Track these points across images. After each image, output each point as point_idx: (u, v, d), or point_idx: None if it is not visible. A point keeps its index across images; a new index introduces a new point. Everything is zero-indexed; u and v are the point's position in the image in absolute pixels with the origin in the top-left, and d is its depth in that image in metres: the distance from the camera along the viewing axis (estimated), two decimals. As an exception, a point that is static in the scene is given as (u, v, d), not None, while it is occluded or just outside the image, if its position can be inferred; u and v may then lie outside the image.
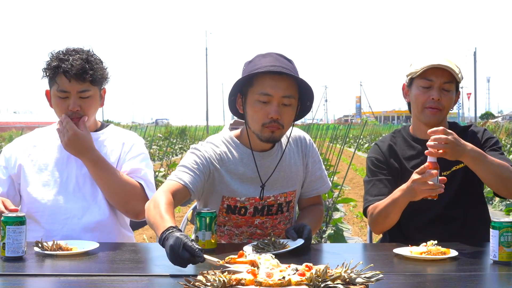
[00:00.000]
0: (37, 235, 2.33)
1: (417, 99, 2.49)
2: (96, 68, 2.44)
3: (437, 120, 2.47)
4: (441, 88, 2.44)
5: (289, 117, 2.22)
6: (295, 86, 2.22)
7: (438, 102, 2.44)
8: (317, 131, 16.65)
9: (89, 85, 2.42)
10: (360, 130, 18.39)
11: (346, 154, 18.28)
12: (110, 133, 2.58)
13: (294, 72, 2.22)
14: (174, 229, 1.81)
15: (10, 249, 1.97)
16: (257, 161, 2.31)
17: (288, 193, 2.40)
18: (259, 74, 2.18)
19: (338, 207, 6.35)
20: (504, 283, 1.82)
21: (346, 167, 10.68)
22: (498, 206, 8.40)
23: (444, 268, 1.92)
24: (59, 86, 2.41)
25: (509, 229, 1.92)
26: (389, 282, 1.68)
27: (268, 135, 2.21)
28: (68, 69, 2.37)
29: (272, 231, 2.37)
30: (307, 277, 1.53)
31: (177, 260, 1.73)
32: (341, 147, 7.79)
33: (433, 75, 2.44)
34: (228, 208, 2.33)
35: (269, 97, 2.18)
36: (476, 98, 67.34)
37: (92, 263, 1.97)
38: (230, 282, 1.52)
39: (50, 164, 2.47)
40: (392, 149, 2.56)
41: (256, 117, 2.21)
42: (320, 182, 2.48)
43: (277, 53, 2.25)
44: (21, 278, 1.78)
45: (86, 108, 2.44)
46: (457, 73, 2.44)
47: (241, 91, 2.26)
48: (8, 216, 2.00)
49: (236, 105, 2.30)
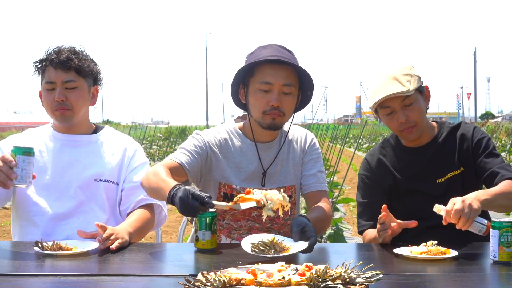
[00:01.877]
0: (36, 238, 2.32)
1: (389, 126, 2.47)
2: (83, 59, 2.44)
3: (416, 136, 2.44)
4: (403, 107, 2.38)
5: (289, 105, 2.30)
6: (295, 75, 2.29)
7: (408, 122, 2.39)
8: (317, 131, 16.65)
9: (75, 75, 2.41)
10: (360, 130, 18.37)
11: (346, 154, 18.28)
12: (108, 136, 2.57)
13: (294, 62, 2.28)
14: (180, 185, 1.92)
15: (19, 177, 2.04)
16: (258, 152, 2.38)
17: (287, 187, 2.42)
18: (260, 64, 2.26)
19: (338, 207, 6.34)
20: (504, 283, 1.82)
21: (346, 167, 10.68)
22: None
23: (444, 268, 1.92)
24: (46, 78, 2.42)
25: (509, 229, 1.92)
26: (389, 282, 1.68)
27: (270, 121, 2.28)
28: (54, 58, 2.40)
29: (270, 225, 2.38)
30: (307, 277, 1.53)
31: (187, 210, 1.85)
32: (341, 147, 7.79)
33: (388, 101, 2.38)
34: (225, 196, 2.35)
35: (269, 85, 2.25)
36: (476, 98, 67.40)
37: (92, 263, 1.97)
38: (230, 282, 1.52)
39: (49, 168, 2.45)
40: (382, 163, 2.53)
41: (257, 105, 2.28)
42: (313, 179, 2.45)
43: (277, 44, 2.32)
44: (21, 278, 1.77)
45: (73, 100, 2.41)
46: (408, 89, 2.33)
47: (243, 82, 2.34)
48: (18, 147, 2.08)
49: (239, 96, 2.37)
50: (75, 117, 2.45)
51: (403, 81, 2.35)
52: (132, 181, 2.48)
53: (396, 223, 2.20)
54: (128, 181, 2.49)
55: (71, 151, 2.47)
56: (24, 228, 2.43)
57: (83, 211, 2.41)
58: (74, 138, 2.49)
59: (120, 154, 2.51)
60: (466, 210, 2.03)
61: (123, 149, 2.53)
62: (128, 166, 2.51)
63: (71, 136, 2.49)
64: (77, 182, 2.43)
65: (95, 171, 2.45)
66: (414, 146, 2.51)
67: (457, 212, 2.02)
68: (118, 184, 2.49)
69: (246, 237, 2.05)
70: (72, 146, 2.48)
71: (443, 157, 2.46)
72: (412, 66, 2.43)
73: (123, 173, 2.50)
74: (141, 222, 2.38)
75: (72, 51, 2.43)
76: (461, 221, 2.03)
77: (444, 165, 2.44)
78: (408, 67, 2.41)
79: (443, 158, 2.45)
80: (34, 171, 2.42)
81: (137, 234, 2.35)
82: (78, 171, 2.44)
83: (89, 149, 2.49)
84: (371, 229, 2.44)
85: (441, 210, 2.09)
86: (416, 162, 2.48)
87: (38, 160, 2.45)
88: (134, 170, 2.51)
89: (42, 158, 2.46)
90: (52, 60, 2.41)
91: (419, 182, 2.46)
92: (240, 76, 2.32)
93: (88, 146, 2.50)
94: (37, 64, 2.45)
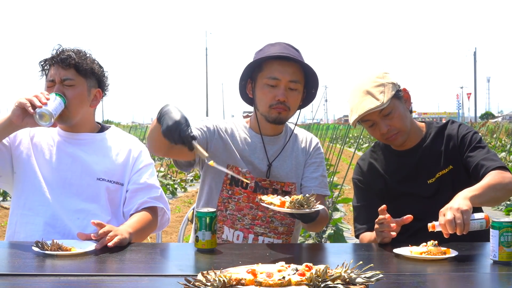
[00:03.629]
0: (40, 227, 2.33)
1: (374, 136, 2.48)
2: (84, 57, 2.44)
3: (403, 141, 2.44)
4: (382, 117, 2.38)
5: (295, 101, 2.40)
6: (301, 72, 2.39)
7: (390, 130, 2.39)
8: (317, 131, 16.66)
9: (74, 73, 2.40)
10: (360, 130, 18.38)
11: (346, 154, 18.28)
12: (114, 135, 2.56)
13: (301, 60, 2.38)
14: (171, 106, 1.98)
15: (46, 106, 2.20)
16: (264, 144, 2.46)
17: (287, 184, 2.46)
18: (268, 60, 2.36)
19: (338, 207, 6.35)
20: (504, 283, 1.82)
21: (346, 167, 10.69)
22: (498, 206, 8.40)
23: (444, 268, 1.92)
24: (47, 77, 2.43)
25: (509, 229, 1.92)
26: (389, 282, 1.68)
27: (275, 115, 2.38)
28: (56, 56, 2.41)
29: (273, 214, 2.42)
30: (307, 277, 1.53)
31: (169, 139, 1.92)
32: (341, 147, 7.80)
33: (367, 116, 2.38)
34: (232, 179, 2.42)
35: (277, 81, 2.35)
36: (476, 98, 67.41)
37: (92, 263, 1.97)
38: (230, 282, 1.52)
39: (55, 162, 2.43)
40: (373, 167, 2.54)
41: (264, 99, 2.37)
42: (315, 182, 2.48)
43: (285, 43, 2.44)
44: (21, 278, 1.77)
45: (70, 96, 2.38)
46: (382, 102, 2.32)
47: (251, 77, 2.44)
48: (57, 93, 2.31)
49: (246, 91, 2.47)
50: (71, 117, 2.41)
51: (376, 95, 2.35)
52: (137, 183, 2.48)
53: (395, 223, 2.20)
54: (132, 182, 2.48)
55: (74, 149, 2.46)
56: (26, 217, 2.38)
57: (84, 210, 2.39)
58: (78, 136, 2.48)
59: (125, 154, 2.50)
60: (457, 216, 2.02)
61: (128, 149, 2.52)
62: (133, 167, 2.50)
63: (75, 134, 2.48)
64: (80, 179, 2.42)
65: (98, 170, 2.44)
66: (403, 149, 2.51)
67: (450, 222, 2.01)
68: (122, 184, 2.47)
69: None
70: (76, 144, 2.47)
71: (431, 157, 2.46)
72: (385, 73, 2.42)
73: (127, 174, 2.48)
74: (142, 224, 2.37)
75: (74, 51, 2.44)
76: (458, 229, 2.02)
77: (433, 166, 2.45)
78: (380, 75, 2.40)
79: (431, 158, 2.46)
80: (40, 163, 2.42)
81: (138, 235, 2.35)
82: (82, 169, 2.43)
83: (93, 147, 2.48)
84: (367, 232, 2.44)
85: (436, 227, 2.09)
86: (406, 165, 2.49)
87: (44, 151, 2.44)
88: (139, 172, 2.50)
89: (48, 150, 2.44)
90: (53, 57, 2.42)
91: (410, 184, 2.47)
92: (248, 71, 2.42)
93: (92, 144, 2.48)
94: (41, 63, 2.45)
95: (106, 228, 2.15)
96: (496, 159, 2.34)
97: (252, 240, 2.42)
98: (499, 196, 2.28)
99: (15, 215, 2.44)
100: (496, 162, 2.32)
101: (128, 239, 2.20)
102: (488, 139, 19.59)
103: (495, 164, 2.30)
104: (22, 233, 2.36)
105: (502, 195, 2.28)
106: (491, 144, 16.14)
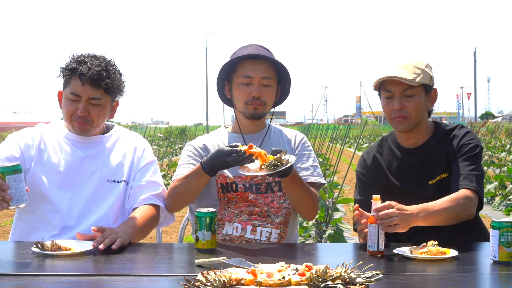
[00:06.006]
0: (50, 234, 2.33)
1: (384, 110, 2.50)
2: (113, 77, 2.41)
3: (406, 128, 2.44)
4: (403, 95, 2.40)
5: (270, 96, 2.54)
6: (273, 69, 2.55)
7: (402, 111, 2.41)
8: (317, 131, 16.65)
9: (102, 93, 2.38)
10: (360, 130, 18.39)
11: (346, 154, 18.28)
12: (119, 135, 2.57)
13: (272, 57, 2.53)
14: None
15: (14, 198, 1.95)
16: (245, 142, 2.55)
17: None
18: (242, 60, 2.52)
19: (338, 207, 6.34)
20: (504, 283, 1.82)
21: (346, 167, 10.68)
22: (498, 206, 8.40)
23: (444, 268, 1.92)
24: (71, 89, 2.38)
25: (509, 229, 1.92)
26: (389, 282, 1.68)
27: (252, 111, 2.52)
28: (84, 73, 2.34)
29: (268, 208, 2.48)
30: (307, 277, 1.53)
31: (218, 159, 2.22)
32: (341, 147, 7.79)
33: (391, 85, 2.41)
34: (222, 186, 2.50)
35: (250, 78, 2.50)
36: (476, 98, 67.43)
37: (92, 263, 1.97)
38: (230, 282, 1.52)
39: (63, 167, 2.43)
40: (377, 161, 2.56)
41: (240, 97, 2.52)
42: (306, 172, 2.54)
43: (257, 44, 2.60)
44: (21, 278, 1.77)
45: (95, 115, 2.40)
46: (412, 79, 2.36)
47: (228, 79, 2.59)
48: (6, 166, 1.97)
49: (224, 92, 2.61)
50: (92, 130, 2.45)
51: (411, 71, 2.38)
52: (140, 180, 2.49)
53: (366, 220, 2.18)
54: (136, 179, 2.50)
55: (84, 152, 2.47)
56: (35, 223, 2.39)
57: (94, 211, 2.40)
58: (87, 139, 2.48)
59: (131, 154, 2.53)
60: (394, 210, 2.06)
61: (133, 148, 2.55)
62: (138, 165, 2.52)
63: (84, 137, 2.48)
64: (90, 183, 2.43)
65: (107, 172, 2.46)
66: (409, 147, 2.51)
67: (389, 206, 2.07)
68: (128, 182, 2.50)
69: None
70: (85, 147, 2.48)
71: (434, 159, 2.46)
72: (429, 64, 2.46)
73: (132, 172, 2.51)
74: (143, 220, 2.37)
75: (103, 67, 2.37)
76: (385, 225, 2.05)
77: (435, 167, 2.45)
78: (424, 63, 2.44)
79: (434, 160, 2.46)
80: (47, 169, 2.41)
81: (139, 233, 2.35)
82: (91, 172, 2.44)
83: (101, 150, 2.50)
84: None
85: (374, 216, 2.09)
86: (409, 163, 2.49)
87: (51, 157, 2.43)
88: (143, 169, 2.52)
89: (56, 156, 2.44)
90: (82, 73, 2.34)
91: (411, 183, 2.47)
92: (224, 73, 2.58)
93: (100, 147, 2.50)
94: (64, 73, 2.40)
95: (106, 232, 2.16)
96: (474, 180, 2.33)
97: (251, 230, 2.46)
98: (453, 216, 2.27)
99: (23, 220, 2.45)
100: (471, 183, 2.31)
101: (127, 239, 2.20)
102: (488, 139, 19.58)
103: (468, 186, 2.30)
104: (31, 239, 2.33)
105: (456, 215, 2.27)
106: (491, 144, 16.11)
